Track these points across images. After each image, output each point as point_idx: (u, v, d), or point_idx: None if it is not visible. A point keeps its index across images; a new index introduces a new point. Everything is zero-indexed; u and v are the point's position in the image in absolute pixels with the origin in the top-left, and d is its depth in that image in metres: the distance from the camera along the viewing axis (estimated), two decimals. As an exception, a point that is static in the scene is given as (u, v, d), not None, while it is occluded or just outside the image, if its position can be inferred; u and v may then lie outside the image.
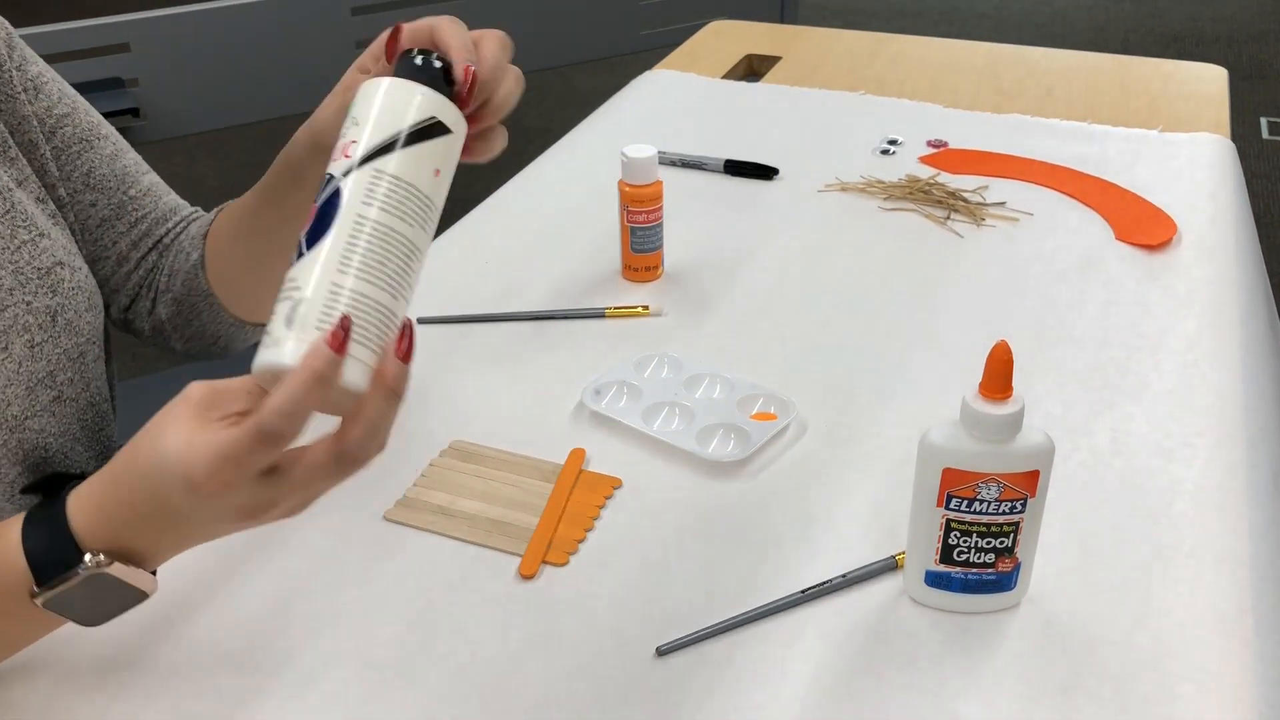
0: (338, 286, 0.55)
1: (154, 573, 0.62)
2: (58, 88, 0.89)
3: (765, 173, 1.32)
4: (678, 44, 1.79)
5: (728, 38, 1.81)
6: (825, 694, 0.66)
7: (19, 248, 0.80)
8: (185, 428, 0.57)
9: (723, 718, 0.65)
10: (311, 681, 0.68)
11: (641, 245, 1.09)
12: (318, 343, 0.53)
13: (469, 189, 3.66)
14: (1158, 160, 1.33)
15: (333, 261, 0.55)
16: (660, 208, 1.08)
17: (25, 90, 0.86)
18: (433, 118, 0.59)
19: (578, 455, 0.85)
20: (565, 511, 0.80)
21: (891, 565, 0.75)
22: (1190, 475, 0.83)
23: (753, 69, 1.74)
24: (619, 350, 1.00)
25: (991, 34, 4.38)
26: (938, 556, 0.70)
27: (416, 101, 0.59)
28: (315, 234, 0.56)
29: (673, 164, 1.35)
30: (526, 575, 0.75)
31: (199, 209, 0.98)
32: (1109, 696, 0.66)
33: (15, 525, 0.62)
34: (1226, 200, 1.25)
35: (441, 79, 0.60)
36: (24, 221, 0.81)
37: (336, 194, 0.56)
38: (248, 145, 3.55)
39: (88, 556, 0.60)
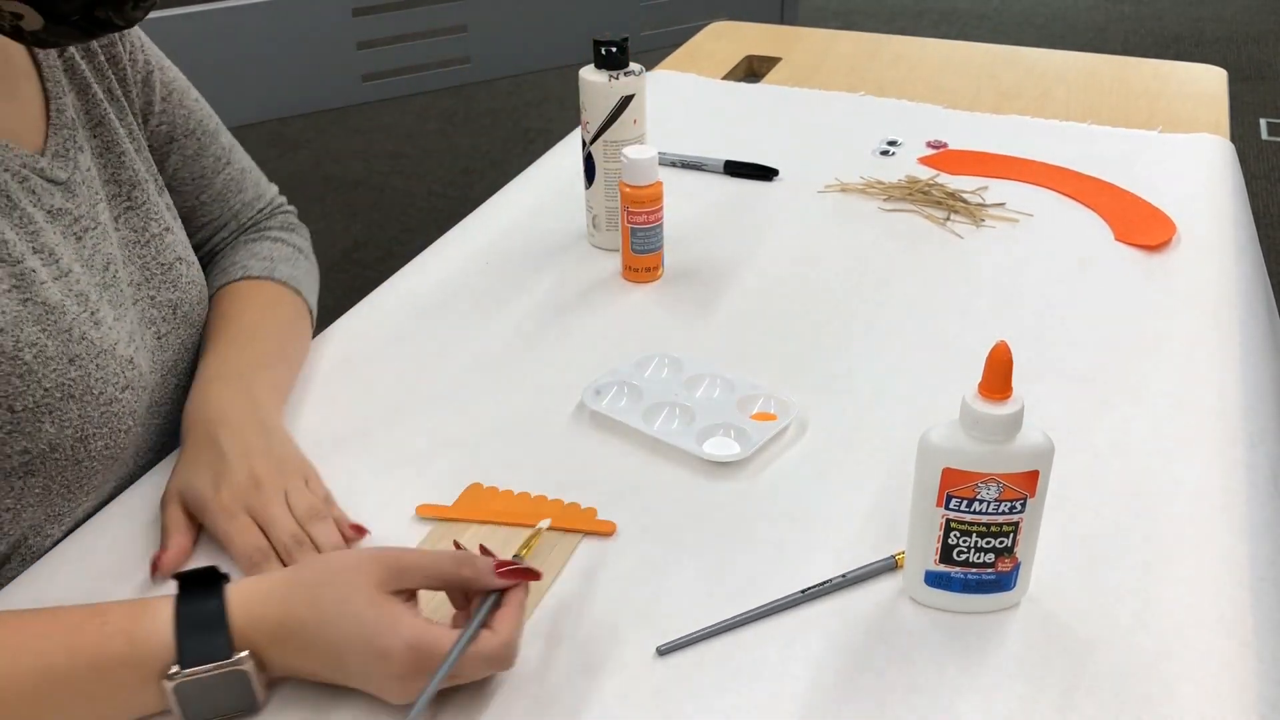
0: None
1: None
2: (161, 77, 0.93)
3: (765, 174, 1.32)
4: (678, 45, 1.80)
5: (728, 39, 1.81)
6: (825, 694, 0.66)
7: (148, 242, 0.86)
8: (377, 598, 0.62)
9: (723, 718, 0.65)
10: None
11: (642, 246, 1.09)
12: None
13: (470, 189, 3.65)
14: (1157, 161, 1.33)
15: None
16: (660, 208, 1.08)
17: (143, 84, 0.91)
18: None
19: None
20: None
21: (891, 565, 0.75)
22: (1190, 475, 0.83)
23: (753, 70, 1.75)
24: (619, 350, 1.00)
25: (991, 35, 4.38)
26: (937, 556, 0.70)
27: None
28: None
29: (673, 165, 1.35)
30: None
31: (263, 207, 1.05)
32: (1108, 696, 0.66)
33: (164, 603, 0.64)
34: (1225, 201, 1.25)
35: None
36: (155, 215, 0.87)
37: None
38: (248, 145, 3.54)
39: (244, 653, 0.62)
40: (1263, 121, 3.56)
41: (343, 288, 2.79)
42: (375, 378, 0.97)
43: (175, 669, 0.61)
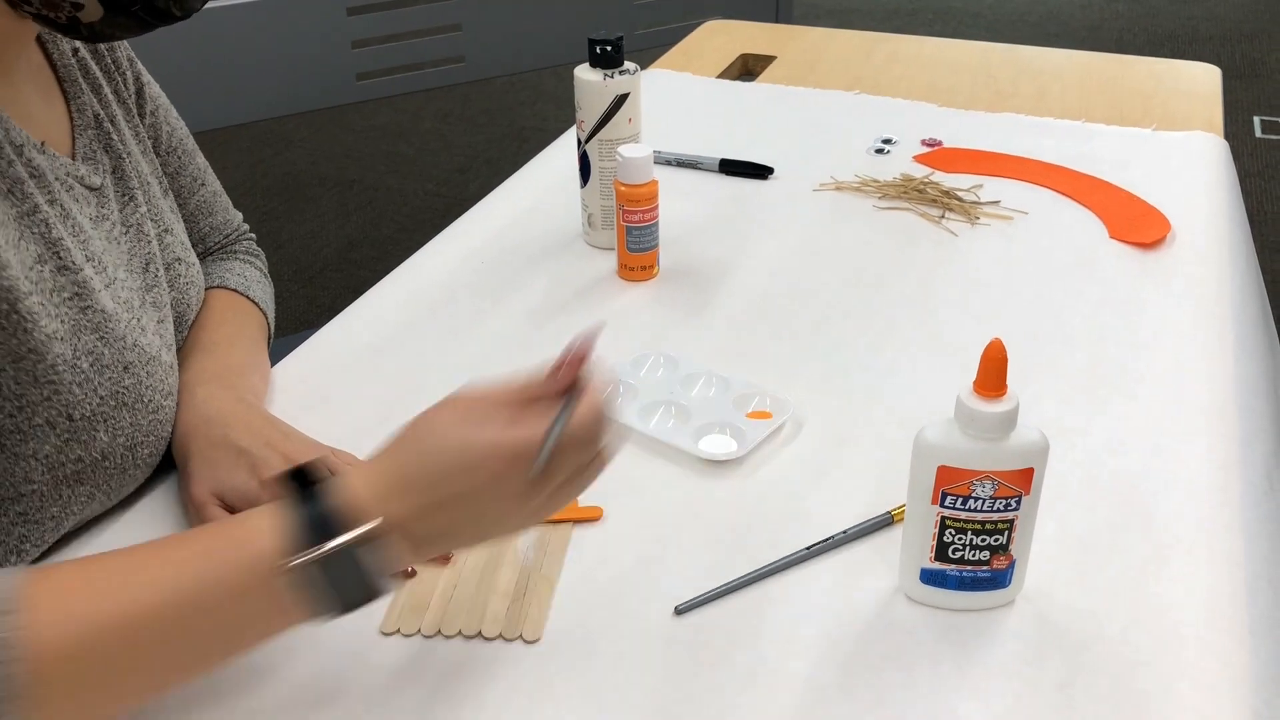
0: None
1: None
2: (149, 91, 0.93)
3: (760, 172, 1.32)
4: (673, 44, 1.80)
5: (723, 37, 1.81)
6: (821, 691, 0.66)
7: (156, 238, 0.86)
8: (460, 425, 0.62)
9: (719, 717, 0.65)
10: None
11: (637, 245, 1.09)
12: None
13: (465, 188, 3.64)
14: (1151, 159, 1.33)
15: None
16: (656, 207, 1.08)
17: (137, 95, 0.91)
18: None
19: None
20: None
21: (888, 520, 0.78)
22: (1184, 473, 0.83)
23: (748, 68, 1.75)
24: (615, 349, 1.00)
25: (986, 33, 4.39)
26: (933, 554, 0.70)
27: None
28: None
29: (668, 163, 1.35)
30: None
31: (229, 233, 1.04)
32: (1104, 693, 0.66)
33: (269, 507, 0.60)
34: (1220, 199, 1.25)
35: None
36: (155, 216, 0.87)
37: None
38: (246, 145, 3.55)
39: (369, 523, 0.58)
40: (1256, 119, 3.57)
41: (338, 287, 2.79)
42: (371, 378, 0.97)
43: (292, 560, 0.58)
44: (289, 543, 0.58)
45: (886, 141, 1.40)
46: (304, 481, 0.61)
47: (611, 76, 1.09)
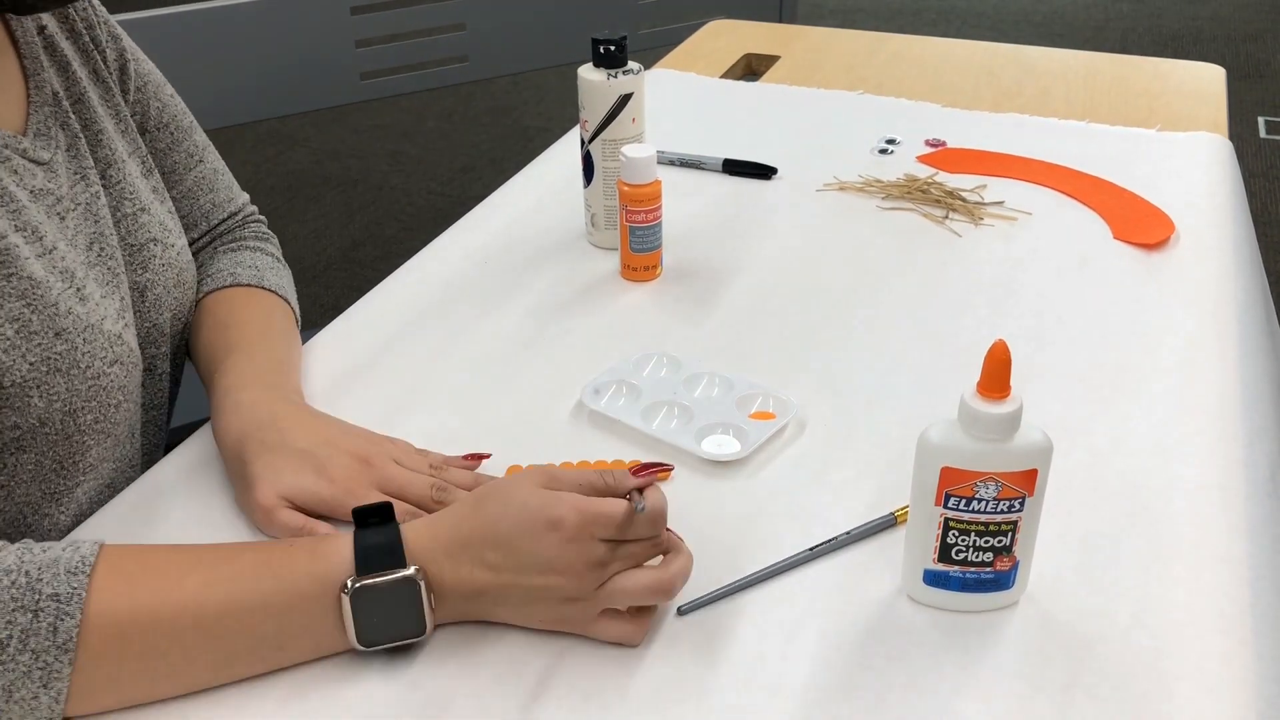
0: None
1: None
2: (136, 68, 0.93)
3: (764, 172, 1.32)
4: (676, 43, 1.80)
5: (726, 37, 1.81)
6: (824, 693, 0.66)
7: (119, 222, 0.86)
8: (539, 489, 0.67)
9: (720, 717, 0.65)
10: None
11: (640, 245, 1.09)
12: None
13: (469, 188, 3.65)
14: (1155, 159, 1.33)
15: None
16: (659, 207, 1.08)
17: (119, 72, 0.91)
18: None
19: None
20: None
21: (891, 522, 0.78)
22: (1188, 474, 0.83)
23: (751, 68, 1.75)
24: (618, 349, 1.00)
25: (989, 33, 4.39)
26: (936, 555, 0.70)
27: None
28: None
29: (671, 163, 1.35)
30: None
31: (234, 212, 1.03)
32: (1107, 695, 0.66)
33: (346, 533, 0.68)
34: (1224, 199, 1.25)
35: None
36: (129, 195, 0.87)
37: None
38: (248, 145, 3.55)
39: (415, 567, 0.66)
40: (1261, 120, 3.56)
41: (341, 286, 2.79)
42: (374, 377, 0.97)
43: (351, 580, 0.65)
44: (352, 565, 0.66)
45: (890, 142, 1.40)
46: (369, 519, 0.69)
47: (615, 76, 1.09)
